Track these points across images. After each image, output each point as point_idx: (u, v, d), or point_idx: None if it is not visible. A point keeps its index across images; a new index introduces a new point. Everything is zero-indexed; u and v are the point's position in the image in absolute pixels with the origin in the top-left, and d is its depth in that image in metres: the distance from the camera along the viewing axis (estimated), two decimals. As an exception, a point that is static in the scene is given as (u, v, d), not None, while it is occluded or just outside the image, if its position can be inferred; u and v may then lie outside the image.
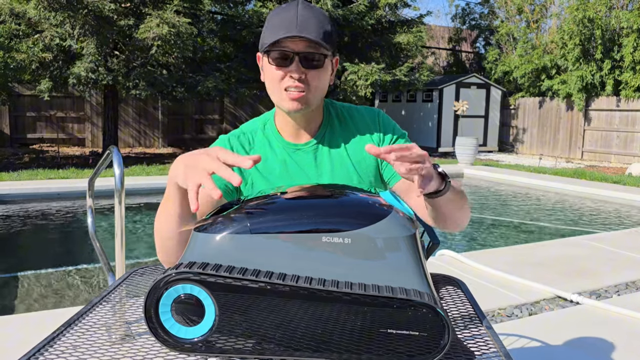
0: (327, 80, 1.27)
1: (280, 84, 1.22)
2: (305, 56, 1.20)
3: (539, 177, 10.05)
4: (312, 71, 1.21)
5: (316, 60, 1.21)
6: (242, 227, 0.88)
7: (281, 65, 1.21)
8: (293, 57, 1.19)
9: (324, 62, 1.23)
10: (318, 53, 1.21)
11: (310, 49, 1.20)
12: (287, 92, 1.22)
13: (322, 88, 1.26)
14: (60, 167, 10.02)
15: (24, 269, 4.68)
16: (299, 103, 1.22)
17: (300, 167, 1.31)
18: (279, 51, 1.20)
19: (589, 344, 2.92)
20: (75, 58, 11.17)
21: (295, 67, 1.19)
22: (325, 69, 1.24)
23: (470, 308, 1.20)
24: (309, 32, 1.18)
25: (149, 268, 1.48)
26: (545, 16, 16.77)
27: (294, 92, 1.21)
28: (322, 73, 1.24)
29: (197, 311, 0.86)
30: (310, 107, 1.25)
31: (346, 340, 0.86)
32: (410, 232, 0.90)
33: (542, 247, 5.02)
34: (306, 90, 1.22)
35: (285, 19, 1.20)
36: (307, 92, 1.22)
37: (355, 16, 13.11)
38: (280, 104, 1.25)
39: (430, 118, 16.00)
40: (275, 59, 1.21)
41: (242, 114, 16.44)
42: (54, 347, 0.97)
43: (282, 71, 1.21)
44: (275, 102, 1.27)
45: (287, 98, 1.22)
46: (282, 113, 1.31)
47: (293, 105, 1.22)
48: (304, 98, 1.22)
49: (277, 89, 1.23)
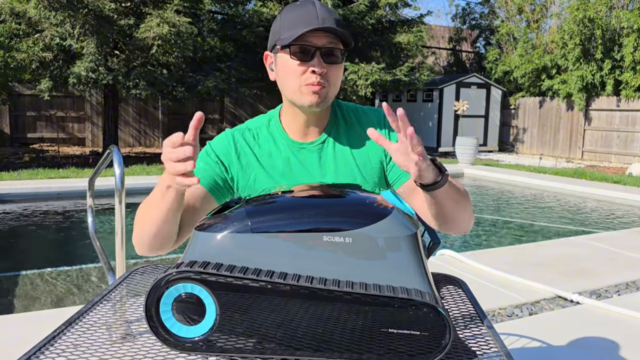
0: (341, 75, 1.28)
1: (300, 78, 1.22)
2: (327, 51, 1.20)
3: (539, 177, 10.05)
4: (332, 66, 1.22)
5: (336, 55, 1.22)
6: (243, 226, 0.88)
7: (302, 60, 1.20)
8: (315, 52, 1.20)
9: (342, 58, 1.24)
10: (337, 48, 1.22)
11: (331, 44, 1.21)
12: (308, 87, 1.21)
13: (339, 85, 1.27)
14: (60, 167, 10.02)
15: (24, 268, 4.68)
16: (318, 97, 1.22)
17: (303, 166, 1.30)
18: (300, 45, 1.19)
19: (589, 344, 2.92)
20: (75, 57, 11.17)
21: (317, 61, 1.20)
22: (342, 65, 1.26)
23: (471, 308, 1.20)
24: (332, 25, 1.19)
25: (149, 267, 1.48)
26: (546, 16, 16.77)
27: (316, 86, 1.21)
28: (340, 69, 1.25)
29: (198, 310, 0.86)
30: (328, 102, 1.25)
31: (347, 339, 0.86)
32: (411, 232, 0.90)
33: (542, 246, 5.01)
34: (326, 86, 1.22)
35: (303, 15, 1.20)
36: (327, 87, 1.23)
37: (356, 16, 13.10)
38: (300, 99, 1.23)
39: (430, 118, 16.00)
40: (296, 53, 1.20)
41: (242, 113, 16.44)
42: (55, 346, 0.97)
43: (304, 66, 1.21)
44: (291, 97, 1.26)
45: (309, 92, 1.21)
46: (291, 110, 1.30)
47: (314, 99, 1.22)
48: (324, 92, 1.22)
49: (296, 84, 1.22)
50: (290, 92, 1.25)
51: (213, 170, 1.28)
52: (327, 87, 1.22)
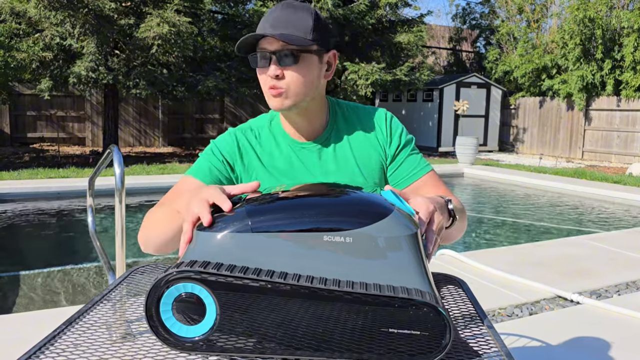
0: (314, 75, 1.24)
1: (264, 84, 1.24)
2: (280, 54, 1.20)
3: (539, 177, 10.05)
4: (289, 68, 1.21)
5: (292, 56, 1.20)
6: (244, 226, 0.88)
7: (262, 66, 1.22)
8: (270, 57, 1.20)
9: (301, 58, 1.21)
10: (293, 49, 1.20)
11: (286, 47, 1.20)
12: (269, 91, 1.23)
13: (307, 83, 1.23)
14: (60, 167, 10.02)
15: (24, 268, 4.68)
16: (279, 100, 1.23)
17: (305, 166, 1.31)
18: (258, 54, 1.22)
19: (589, 344, 2.92)
20: (75, 57, 11.17)
21: (272, 66, 1.20)
22: (305, 64, 1.22)
23: (471, 307, 1.20)
24: (280, 30, 1.19)
25: (150, 267, 1.48)
26: (546, 16, 16.77)
27: (273, 90, 1.22)
28: (301, 68, 1.21)
29: (198, 310, 0.86)
30: (296, 103, 1.24)
31: (347, 339, 0.86)
32: (411, 231, 0.90)
33: (542, 246, 5.01)
34: (286, 87, 1.22)
35: (262, 21, 1.22)
36: (287, 89, 1.22)
37: (356, 16, 13.10)
38: (269, 104, 1.26)
39: (430, 118, 16.00)
40: (257, 62, 1.23)
41: (242, 113, 16.44)
42: (55, 346, 0.97)
43: (263, 72, 1.23)
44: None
45: (270, 97, 1.23)
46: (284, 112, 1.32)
47: (275, 103, 1.23)
48: (283, 95, 1.22)
49: (264, 90, 1.25)
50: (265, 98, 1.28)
51: (219, 171, 1.29)
52: (285, 90, 1.22)
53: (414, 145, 1.38)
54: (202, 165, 1.30)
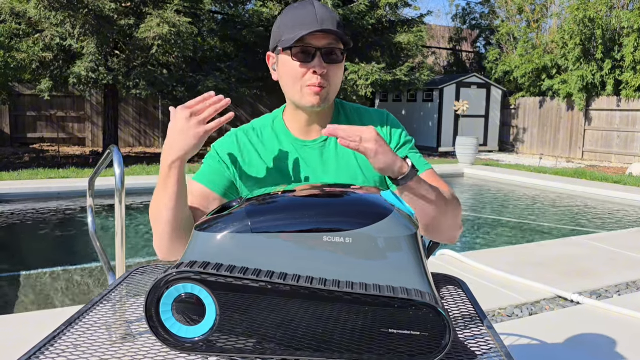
0: (342, 75, 1.30)
1: (302, 80, 1.24)
2: (327, 51, 1.22)
3: (539, 177, 10.05)
4: (332, 66, 1.24)
5: (336, 54, 1.23)
6: (243, 227, 0.88)
7: (303, 61, 1.22)
8: (315, 52, 1.21)
9: (343, 58, 1.26)
10: (338, 48, 1.23)
11: (332, 45, 1.22)
12: (309, 88, 1.23)
13: (339, 84, 1.29)
14: (60, 167, 10.02)
15: (24, 268, 4.68)
16: (319, 98, 1.24)
17: (306, 164, 1.31)
18: (301, 47, 1.21)
19: (590, 344, 2.92)
20: (75, 58, 11.17)
21: (317, 62, 1.21)
22: (342, 64, 1.27)
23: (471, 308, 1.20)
24: (329, 26, 1.20)
25: (150, 267, 1.48)
26: (546, 16, 16.77)
27: (316, 87, 1.23)
28: (340, 69, 1.27)
29: (198, 310, 0.86)
30: (329, 102, 1.27)
31: (347, 340, 0.86)
32: (411, 232, 0.90)
33: (542, 247, 5.01)
34: (327, 86, 1.24)
35: (303, 16, 1.22)
36: (328, 87, 1.24)
37: (356, 16, 13.10)
38: (301, 100, 1.26)
39: (430, 118, 16.00)
40: (297, 54, 1.22)
41: (242, 113, 16.45)
42: (55, 347, 0.97)
43: (305, 67, 1.22)
44: (293, 98, 1.28)
45: (310, 93, 1.23)
46: (294, 109, 1.32)
47: (315, 100, 1.24)
48: (324, 93, 1.24)
49: (298, 85, 1.25)
50: (292, 93, 1.27)
51: (222, 174, 1.31)
52: (327, 87, 1.24)
53: (413, 145, 1.39)
54: (204, 170, 1.32)
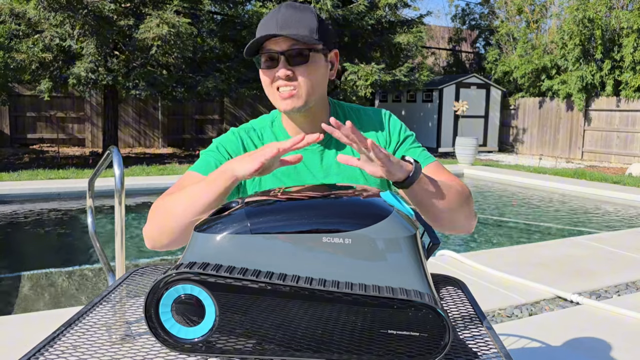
0: (321, 74, 1.25)
1: (272, 86, 1.24)
2: (290, 54, 1.20)
3: (539, 177, 10.06)
4: (299, 67, 1.21)
5: (302, 55, 1.21)
6: (243, 227, 0.88)
7: (269, 67, 1.22)
8: (278, 57, 1.20)
9: (310, 56, 1.22)
10: (302, 48, 1.20)
11: (295, 46, 1.20)
12: (279, 93, 1.23)
13: (316, 83, 1.24)
14: (60, 167, 10.02)
15: (24, 269, 4.68)
16: (291, 101, 1.22)
17: (307, 167, 1.31)
18: (265, 55, 1.22)
19: (589, 344, 2.92)
20: (75, 58, 11.17)
21: (280, 65, 1.20)
22: (314, 63, 1.23)
23: (470, 308, 1.20)
24: (289, 30, 1.19)
25: (149, 268, 1.48)
26: (545, 16, 16.77)
27: (285, 91, 1.22)
28: (310, 68, 1.22)
29: (197, 311, 0.86)
30: (307, 104, 1.24)
31: (346, 340, 0.86)
32: (410, 233, 0.90)
33: (542, 247, 5.02)
34: (297, 87, 1.22)
35: (267, 22, 1.22)
36: (298, 89, 1.22)
37: (355, 16, 13.11)
38: (276, 105, 1.26)
39: (430, 118, 16.01)
40: (263, 62, 1.23)
41: (242, 114, 16.44)
42: (54, 347, 0.97)
43: (271, 73, 1.22)
44: (274, 104, 1.28)
45: (280, 98, 1.23)
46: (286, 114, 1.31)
47: (287, 105, 1.23)
48: (295, 95, 1.22)
49: (271, 92, 1.25)
50: (271, 100, 1.27)
51: None
52: (298, 89, 1.22)
53: (414, 139, 1.38)
54: (207, 161, 1.28)
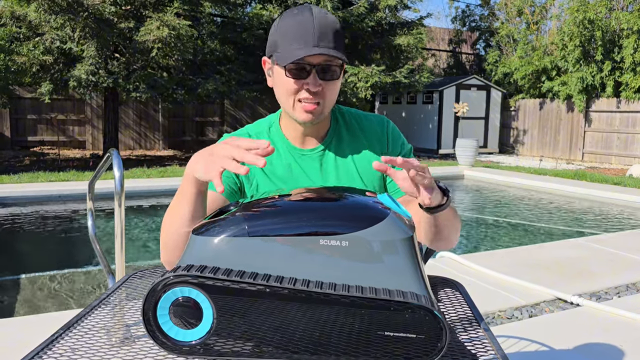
0: (338, 89, 1.26)
1: (295, 95, 1.21)
2: (323, 68, 1.19)
3: (539, 179, 10.06)
4: (328, 83, 1.20)
5: (332, 71, 1.20)
6: (240, 230, 0.89)
7: (298, 77, 1.19)
8: (310, 70, 1.18)
9: (340, 74, 1.22)
10: (334, 65, 1.20)
11: (328, 62, 1.19)
12: (302, 104, 1.21)
13: (335, 98, 1.25)
14: (60, 170, 10.03)
15: (24, 271, 4.69)
16: (312, 115, 1.21)
17: (305, 173, 1.30)
18: (296, 64, 1.18)
19: (590, 346, 2.92)
20: (75, 61, 11.19)
21: (312, 79, 1.18)
22: (339, 79, 1.24)
23: (468, 310, 1.20)
24: (328, 44, 1.17)
25: (149, 271, 1.49)
26: (546, 18, 16.78)
27: (309, 104, 1.20)
28: (337, 84, 1.23)
29: (195, 314, 0.87)
30: (322, 118, 1.25)
31: (344, 342, 0.87)
32: (407, 235, 0.90)
33: (542, 248, 5.01)
34: (321, 103, 1.21)
35: (301, 28, 1.17)
36: (322, 104, 1.22)
37: (355, 18, 13.12)
38: (293, 114, 1.23)
39: (430, 120, 16.01)
40: (292, 70, 1.18)
41: (242, 116, 16.46)
42: (53, 350, 0.98)
43: (299, 84, 1.19)
44: (286, 111, 1.26)
45: (301, 110, 1.21)
46: (289, 119, 1.30)
47: (307, 117, 1.22)
48: (318, 110, 1.21)
49: (291, 100, 1.22)
50: (286, 106, 1.25)
51: (226, 176, 1.28)
52: (322, 104, 1.21)
53: (412, 154, 1.38)
54: None
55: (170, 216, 1.10)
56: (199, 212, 1.06)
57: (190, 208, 1.05)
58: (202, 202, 1.06)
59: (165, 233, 1.11)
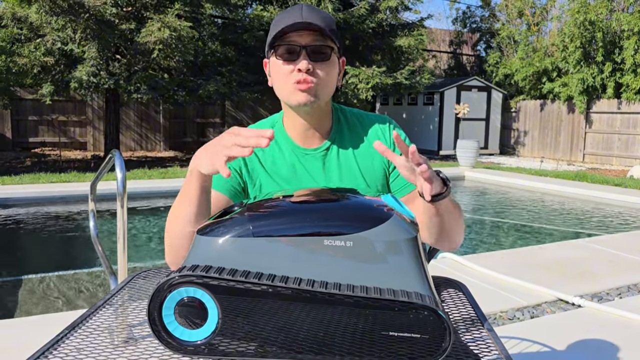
0: (335, 76, 1.27)
1: (289, 78, 1.22)
2: (313, 49, 1.20)
3: (540, 180, 10.05)
4: (319, 64, 1.21)
5: (323, 52, 1.21)
6: (245, 230, 0.89)
7: (288, 60, 1.21)
8: (300, 50, 1.19)
9: (331, 55, 1.23)
10: (325, 45, 1.21)
11: (317, 42, 1.20)
12: (296, 85, 1.21)
13: (331, 83, 1.25)
14: (62, 171, 10.04)
15: (26, 272, 4.69)
16: (308, 95, 1.21)
17: (308, 172, 1.31)
18: (285, 46, 1.20)
19: (591, 347, 2.92)
20: (77, 62, 11.20)
21: (303, 59, 1.19)
22: (332, 62, 1.24)
23: (471, 311, 1.21)
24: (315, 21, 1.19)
25: (152, 272, 1.49)
26: (546, 19, 16.78)
27: (303, 84, 1.21)
28: (329, 67, 1.23)
29: (200, 314, 0.87)
30: (320, 100, 1.24)
31: (348, 342, 0.87)
32: (411, 235, 0.90)
33: (543, 249, 5.01)
34: (315, 83, 1.21)
35: (287, 16, 1.20)
36: (316, 84, 1.22)
37: (356, 20, 13.13)
38: (290, 98, 1.24)
39: (431, 121, 16.01)
40: (282, 54, 1.21)
41: (243, 117, 16.47)
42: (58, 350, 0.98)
43: (291, 65, 1.21)
44: (284, 99, 1.26)
45: (297, 90, 1.21)
46: (292, 114, 1.30)
47: (303, 98, 1.22)
48: (312, 90, 1.22)
49: (286, 84, 1.23)
50: (282, 93, 1.25)
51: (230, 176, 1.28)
52: (315, 84, 1.22)
53: None
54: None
55: (174, 217, 1.10)
56: (203, 211, 1.06)
57: (194, 207, 1.06)
58: (205, 200, 1.07)
59: (170, 234, 1.11)
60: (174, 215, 1.10)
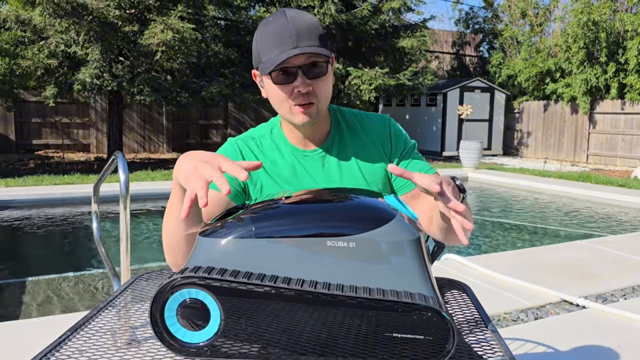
0: (332, 83, 1.26)
1: (288, 100, 1.20)
2: (308, 67, 1.18)
3: (543, 181, 10.03)
4: (317, 81, 1.20)
5: (318, 68, 1.19)
6: (247, 232, 0.89)
7: (285, 82, 1.18)
8: (296, 72, 1.17)
9: (327, 69, 1.21)
10: (319, 61, 1.19)
11: (312, 59, 1.18)
12: (297, 107, 1.20)
13: (329, 93, 1.25)
14: (65, 173, 10.06)
15: (30, 274, 4.70)
16: (309, 116, 1.21)
17: (308, 173, 1.30)
18: (280, 70, 1.17)
19: (595, 348, 2.91)
20: (80, 64, 11.23)
21: (300, 81, 1.17)
22: (328, 74, 1.23)
23: (475, 312, 1.20)
24: (307, 42, 1.16)
25: (154, 273, 1.49)
26: (549, 19, 16.76)
27: (304, 105, 1.19)
28: (327, 79, 1.22)
29: (202, 315, 0.87)
30: (320, 116, 1.25)
31: (351, 344, 0.86)
32: (414, 236, 0.90)
33: (547, 250, 5.00)
34: (315, 101, 1.21)
35: (277, 33, 1.16)
36: (316, 103, 1.21)
37: (359, 21, 13.13)
38: (291, 119, 1.23)
39: (434, 122, 16.00)
40: (278, 77, 1.18)
41: (246, 119, 16.48)
42: (60, 352, 0.98)
43: (288, 88, 1.19)
44: (284, 117, 1.26)
45: (297, 112, 1.20)
46: (287, 122, 1.30)
47: (304, 118, 1.21)
48: (314, 110, 1.21)
49: (285, 106, 1.21)
50: (282, 113, 1.25)
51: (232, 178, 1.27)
52: (315, 102, 1.21)
53: (416, 150, 1.38)
54: None
55: (167, 219, 1.10)
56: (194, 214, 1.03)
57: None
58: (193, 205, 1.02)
59: (165, 236, 1.11)
60: (166, 219, 1.10)
